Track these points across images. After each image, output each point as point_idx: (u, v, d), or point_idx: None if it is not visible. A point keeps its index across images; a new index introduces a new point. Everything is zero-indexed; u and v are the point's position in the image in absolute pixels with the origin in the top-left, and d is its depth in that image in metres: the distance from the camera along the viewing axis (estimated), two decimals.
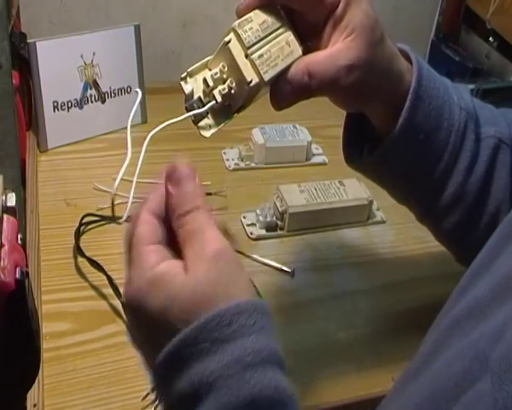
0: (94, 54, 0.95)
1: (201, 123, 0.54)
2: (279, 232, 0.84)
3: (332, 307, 0.75)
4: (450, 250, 0.68)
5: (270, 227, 0.83)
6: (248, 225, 0.84)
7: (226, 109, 0.54)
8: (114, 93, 0.99)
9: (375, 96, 0.57)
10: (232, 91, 0.52)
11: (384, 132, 0.59)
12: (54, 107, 0.93)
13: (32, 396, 0.60)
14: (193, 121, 0.55)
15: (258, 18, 0.54)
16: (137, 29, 0.98)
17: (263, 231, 0.83)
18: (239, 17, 0.54)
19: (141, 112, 1.02)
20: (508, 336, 0.36)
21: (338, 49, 0.54)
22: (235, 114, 0.54)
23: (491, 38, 1.13)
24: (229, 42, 0.52)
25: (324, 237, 0.84)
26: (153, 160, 0.74)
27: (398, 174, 0.62)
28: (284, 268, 0.78)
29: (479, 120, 0.61)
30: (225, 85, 0.52)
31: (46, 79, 0.91)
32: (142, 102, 1.02)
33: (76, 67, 0.94)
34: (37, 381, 0.59)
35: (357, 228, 0.87)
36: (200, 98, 0.54)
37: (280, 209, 0.83)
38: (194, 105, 0.54)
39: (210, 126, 0.54)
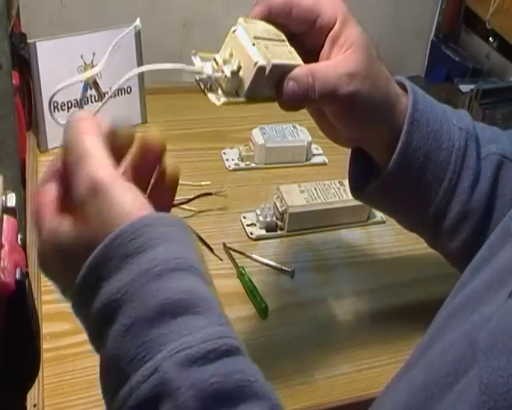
0: (94, 54, 0.95)
1: (212, 95, 0.54)
2: (279, 232, 0.84)
3: (332, 307, 0.75)
4: (461, 271, 0.66)
5: (270, 227, 0.83)
6: (248, 225, 0.84)
7: (236, 90, 0.54)
8: (114, 93, 0.98)
9: (374, 115, 0.58)
10: (240, 73, 0.53)
11: (384, 162, 0.61)
12: (54, 107, 0.93)
13: (31, 396, 0.60)
14: (203, 91, 0.54)
15: (264, 26, 0.56)
16: (137, 29, 0.98)
17: (263, 231, 0.83)
18: None
19: (141, 112, 1.02)
20: (495, 317, 0.36)
21: (338, 60, 0.56)
22: (246, 100, 0.54)
23: (491, 38, 1.13)
24: (235, 31, 0.54)
25: (324, 237, 0.85)
26: None
27: (404, 199, 0.63)
28: (284, 268, 0.78)
29: (480, 139, 0.62)
30: (233, 64, 0.53)
31: (46, 79, 0.91)
32: (142, 102, 1.02)
33: (76, 67, 0.94)
34: (37, 381, 0.59)
35: (357, 228, 0.87)
36: (209, 76, 0.54)
37: (280, 209, 0.83)
38: (205, 76, 0.53)
39: (220, 99, 0.54)
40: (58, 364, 0.64)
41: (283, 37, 0.57)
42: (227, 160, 0.96)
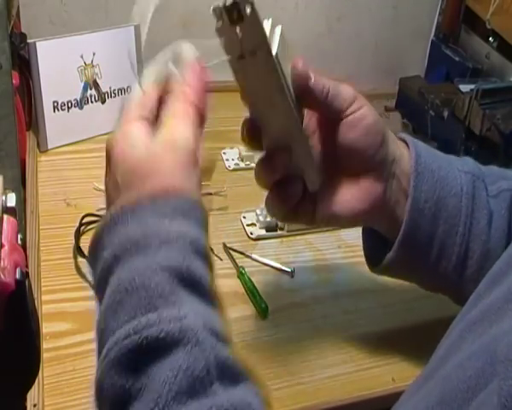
0: (94, 54, 0.95)
1: None
2: (279, 232, 0.84)
3: (332, 307, 0.75)
4: None
5: (270, 227, 0.83)
6: (248, 225, 0.84)
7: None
8: (114, 93, 0.99)
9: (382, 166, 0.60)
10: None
11: (393, 229, 0.62)
12: (54, 107, 0.93)
13: (31, 396, 0.60)
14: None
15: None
16: (137, 29, 0.98)
17: (263, 231, 0.83)
18: None
19: None
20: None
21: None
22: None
23: (491, 38, 1.13)
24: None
25: (324, 237, 0.85)
26: None
27: (423, 254, 0.63)
28: (284, 268, 0.78)
29: (488, 178, 0.63)
30: None
31: (46, 79, 0.91)
32: None
33: (76, 67, 0.94)
34: (37, 381, 0.59)
35: (358, 228, 0.87)
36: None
37: None
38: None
39: None
40: (58, 364, 0.64)
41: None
42: (227, 160, 0.96)
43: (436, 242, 0.62)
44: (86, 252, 0.74)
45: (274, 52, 0.51)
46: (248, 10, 0.49)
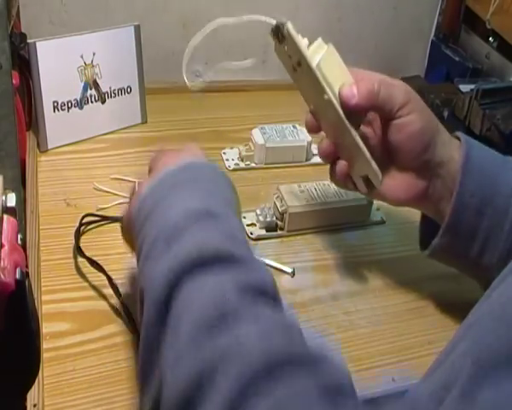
0: (94, 54, 0.95)
1: None
2: (279, 232, 0.84)
3: (332, 307, 0.75)
4: None
5: (270, 227, 0.83)
6: (248, 225, 0.84)
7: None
8: (114, 93, 0.99)
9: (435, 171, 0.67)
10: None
11: (442, 216, 0.68)
12: (54, 107, 0.93)
13: (31, 396, 0.60)
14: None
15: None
16: (137, 29, 0.98)
17: (263, 231, 0.83)
18: None
19: (141, 112, 1.02)
20: None
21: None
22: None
23: (491, 38, 1.13)
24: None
25: (324, 237, 0.85)
26: None
27: (466, 246, 0.68)
28: (284, 268, 0.78)
29: None
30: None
31: (46, 79, 0.91)
32: (142, 102, 1.02)
33: (76, 67, 0.94)
34: (37, 381, 0.59)
35: (357, 228, 0.87)
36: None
37: (280, 209, 0.83)
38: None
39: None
40: (58, 364, 0.64)
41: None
42: (227, 160, 0.96)
43: (480, 235, 0.66)
44: (86, 252, 0.74)
45: (314, 64, 0.63)
46: (286, 31, 0.63)
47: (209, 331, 0.43)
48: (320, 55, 0.65)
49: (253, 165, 0.96)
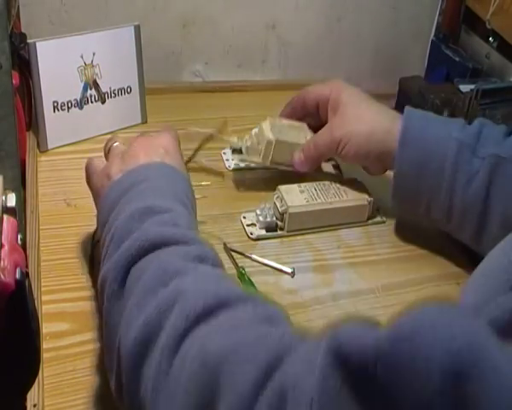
0: (94, 54, 0.95)
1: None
2: (279, 232, 0.84)
3: (332, 307, 0.75)
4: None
5: (270, 227, 0.83)
6: (248, 225, 0.84)
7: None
8: (114, 93, 0.99)
9: (370, 152, 0.82)
10: (260, 146, 0.87)
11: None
12: (54, 107, 0.93)
13: (31, 396, 0.60)
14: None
15: (288, 121, 0.90)
16: (137, 29, 0.98)
17: (263, 232, 0.83)
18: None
19: (141, 112, 1.02)
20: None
21: (331, 123, 0.85)
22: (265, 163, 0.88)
23: (491, 39, 1.12)
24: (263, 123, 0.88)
25: (324, 237, 0.85)
26: None
27: (413, 206, 0.80)
28: (284, 268, 0.78)
29: (483, 140, 0.75)
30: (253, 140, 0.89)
31: (46, 79, 0.91)
32: (142, 102, 1.02)
33: (76, 67, 0.94)
34: (37, 381, 0.59)
35: (357, 228, 0.87)
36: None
37: (280, 209, 0.83)
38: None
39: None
40: (58, 364, 0.64)
41: (304, 126, 0.89)
42: (227, 160, 0.96)
43: (423, 196, 0.78)
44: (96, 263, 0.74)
45: (274, 139, 0.85)
46: (241, 147, 0.89)
47: (153, 292, 0.49)
48: (269, 129, 0.85)
49: (254, 165, 0.95)
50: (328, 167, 0.95)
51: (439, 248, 0.83)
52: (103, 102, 0.98)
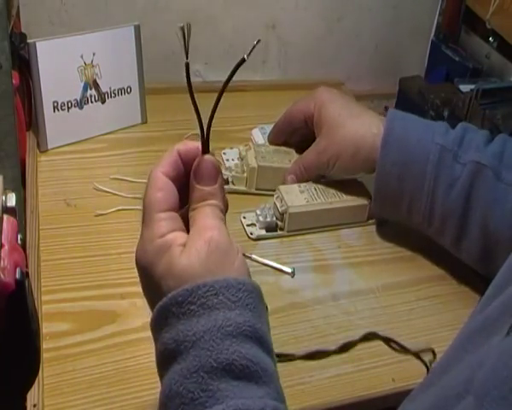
0: (94, 54, 0.95)
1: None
2: (279, 232, 0.84)
3: (332, 307, 0.75)
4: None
5: (270, 227, 0.83)
6: (248, 226, 0.84)
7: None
8: (114, 93, 0.99)
9: (358, 165, 0.83)
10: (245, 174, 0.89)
11: None
12: (54, 107, 0.93)
13: (31, 396, 0.60)
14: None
15: (274, 147, 0.93)
16: (137, 29, 0.98)
17: (263, 232, 0.83)
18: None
19: (141, 112, 1.02)
20: (489, 362, 0.36)
21: (316, 144, 0.85)
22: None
23: (491, 38, 1.12)
24: (248, 150, 0.90)
25: (324, 237, 0.85)
26: (152, 160, 0.74)
27: (395, 207, 0.80)
28: (284, 268, 0.78)
29: (460, 149, 0.75)
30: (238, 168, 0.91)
31: (46, 79, 0.91)
32: (142, 102, 1.02)
33: (76, 67, 0.94)
34: (37, 381, 0.59)
35: (357, 228, 0.87)
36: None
37: (280, 209, 0.83)
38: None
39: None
40: (58, 364, 0.64)
41: (290, 151, 0.91)
42: (227, 160, 0.96)
43: (405, 198, 0.78)
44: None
45: (256, 165, 0.88)
46: None
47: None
48: (253, 157, 0.87)
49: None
50: None
51: (438, 249, 0.83)
52: (103, 102, 0.98)
